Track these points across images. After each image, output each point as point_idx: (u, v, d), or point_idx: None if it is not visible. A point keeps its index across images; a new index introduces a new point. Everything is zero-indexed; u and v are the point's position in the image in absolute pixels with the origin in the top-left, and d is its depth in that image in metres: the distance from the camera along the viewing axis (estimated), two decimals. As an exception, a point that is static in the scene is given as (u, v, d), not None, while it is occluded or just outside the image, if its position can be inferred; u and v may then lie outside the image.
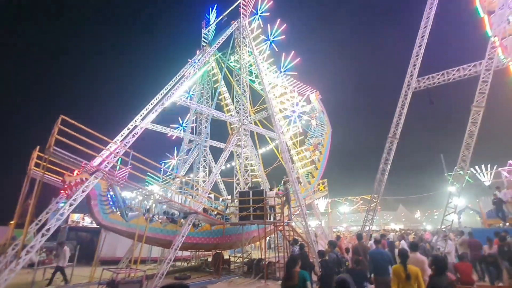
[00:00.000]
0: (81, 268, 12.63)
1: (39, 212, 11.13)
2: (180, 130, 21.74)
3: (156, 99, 13.75)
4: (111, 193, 10.25)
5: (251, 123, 19.44)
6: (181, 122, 22.69)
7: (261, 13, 20.97)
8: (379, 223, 37.77)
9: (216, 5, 23.30)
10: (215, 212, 14.53)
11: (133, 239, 9.85)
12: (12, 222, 11.50)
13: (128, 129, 13.94)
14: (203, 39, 22.54)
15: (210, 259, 16.25)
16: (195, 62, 16.36)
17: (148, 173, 11.85)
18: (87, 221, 20.48)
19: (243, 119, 17.98)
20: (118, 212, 10.20)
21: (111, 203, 10.10)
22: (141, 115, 14.45)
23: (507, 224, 11.85)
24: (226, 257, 15.59)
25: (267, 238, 18.51)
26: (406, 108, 13.52)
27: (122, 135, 13.97)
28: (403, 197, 35.28)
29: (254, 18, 21.13)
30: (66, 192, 9.42)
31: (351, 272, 6.57)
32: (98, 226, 12.58)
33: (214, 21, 22.68)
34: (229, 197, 18.71)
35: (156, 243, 11.96)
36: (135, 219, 10.50)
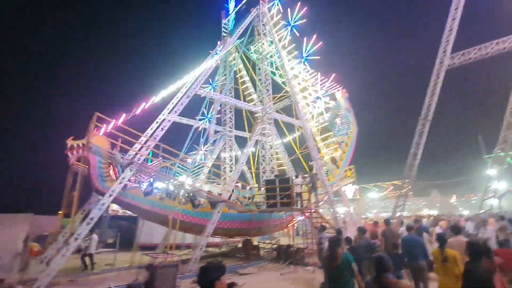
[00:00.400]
0: (122, 253, 13.67)
1: (82, 202, 12.16)
2: (206, 122, 22.21)
3: (181, 92, 14.10)
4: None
5: (275, 112, 19.34)
6: (206, 114, 23.14)
7: (281, -3, 20.43)
8: (411, 209, 36.45)
9: (234, -7, 23.03)
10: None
11: (129, 210, 10.14)
12: (60, 212, 12.68)
13: (156, 123, 14.53)
14: (223, 29, 22.46)
15: (240, 245, 16.81)
16: (216, 53, 16.45)
17: (177, 164, 12.40)
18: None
19: (266, 108, 17.94)
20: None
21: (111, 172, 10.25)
22: (167, 109, 14.94)
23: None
24: (255, 243, 16.02)
25: (295, 225, 18.65)
26: (439, 87, 12.68)
27: (151, 128, 14.59)
28: (437, 182, 33.59)
29: (274, 3, 20.64)
30: (70, 153, 9.65)
31: (389, 255, 6.53)
32: (136, 215, 13.46)
33: (233, 10, 22.46)
34: (256, 185, 18.99)
35: (153, 218, 11.78)
36: (132, 190, 10.61)
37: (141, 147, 11.69)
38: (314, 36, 21.62)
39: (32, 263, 10.37)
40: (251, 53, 22.45)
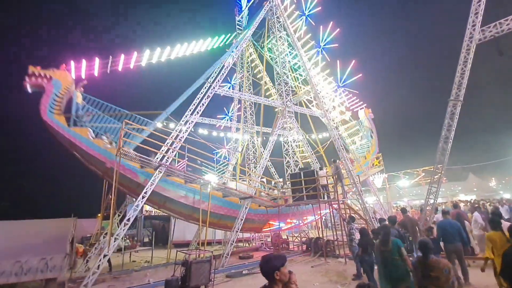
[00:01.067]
0: (158, 250, 14.40)
1: (118, 205, 12.95)
2: (227, 120, 22.54)
3: (201, 93, 14.40)
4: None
5: (295, 105, 19.16)
6: (226, 112, 23.47)
7: (293, -13, 20.05)
8: (446, 195, 34.58)
9: (246, -11, 22.93)
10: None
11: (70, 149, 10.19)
12: (99, 215, 13.58)
13: (180, 125, 15.00)
14: (237, 26, 22.54)
15: (269, 239, 17.01)
16: (232, 51, 16.56)
17: (203, 163, 12.77)
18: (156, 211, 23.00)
19: (286, 102, 17.82)
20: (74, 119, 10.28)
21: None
22: (189, 110, 15.34)
23: None
24: (283, 237, 16.14)
25: (323, 217, 18.49)
26: (470, 64, 11.84)
27: (176, 130, 15.10)
28: (473, 165, 31.53)
29: (286, -7, 20.30)
30: (29, 81, 9.65)
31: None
32: (166, 214, 14.06)
33: (246, 5, 22.42)
34: (281, 180, 19.03)
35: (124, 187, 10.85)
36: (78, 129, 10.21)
37: (168, 149, 12.17)
38: (331, 24, 21.05)
39: (79, 262, 11.26)
40: (268, 48, 22.31)
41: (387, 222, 8.33)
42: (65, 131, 9.73)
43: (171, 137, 12.37)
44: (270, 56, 22.16)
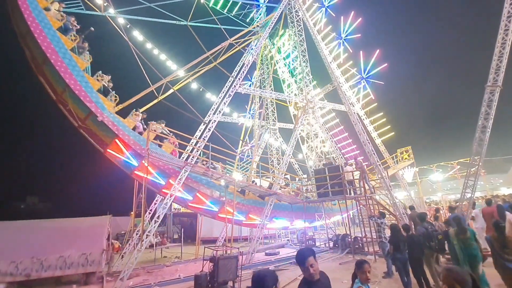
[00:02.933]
0: (186, 246, 14.90)
1: (149, 203, 13.56)
2: (249, 118, 22.65)
3: (223, 92, 14.59)
4: None
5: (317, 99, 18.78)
6: (248, 110, 23.57)
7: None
8: (485, 189, 32.18)
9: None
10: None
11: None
12: (132, 213, 14.31)
13: (203, 124, 15.32)
14: (256, 22, 22.48)
15: (294, 237, 16.93)
16: (252, 49, 16.56)
17: (227, 161, 12.97)
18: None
19: (307, 96, 17.53)
20: None
21: None
22: (212, 109, 15.61)
23: None
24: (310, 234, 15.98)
25: (351, 214, 18.04)
26: (509, 45, 10.89)
27: (199, 130, 15.45)
28: (516, 156, 28.99)
29: (304, -13, 19.89)
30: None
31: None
32: (193, 211, 14.47)
33: (264, 1, 22.28)
34: (305, 176, 18.83)
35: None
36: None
37: (193, 149, 12.50)
38: (352, 13, 20.32)
39: (115, 258, 11.97)
40: (283, 42, 22.08)
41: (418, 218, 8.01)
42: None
43: (195, 137, 12.67)
44: (289, 51, 21.89)
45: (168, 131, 11.48)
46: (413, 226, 9.81)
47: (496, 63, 11.14)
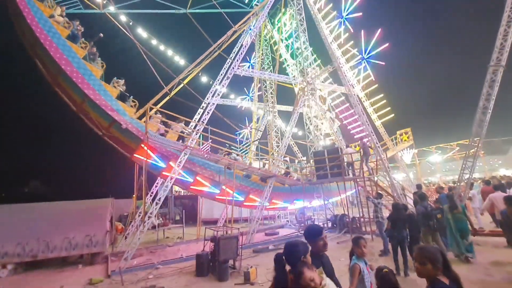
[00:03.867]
0: (188, 227, 15.26)
1: (150, 186, 13.73)
2: (248, 100, 22.44)
3: (221, 74, 14.36)
4: None
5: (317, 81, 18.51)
6: (247, 92, 23.33)
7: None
8: (484, 170, 32.53)
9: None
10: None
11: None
12: (134, 195, 14.52)
13: (202, 108, 15.20)
14: (255, 2, 21.76)
15: (293, 217, 17.27)
16: (250, 29, 16.10)
17: (226, 144, 12.99)
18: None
19: (308, 78, 17.27)
20: None
21: None
22: (211, 92, 15.42)
23: None
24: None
25: (349, 195, 18.31)
26: (515, 24, 10.58)
27: (198, 113, 15.36)
28: (516, 137, 29.03)
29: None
30: None
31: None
32: (194, 194, 14.68)
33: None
34: (304, 158, 18.93)
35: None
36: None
37: (192, 132, 12.46)
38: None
39: (119, 239, 12.30)
40: (284, 23, 21.44)
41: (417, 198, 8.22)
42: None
43: (194, 120, 12.62)
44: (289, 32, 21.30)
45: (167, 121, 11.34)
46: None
47: (501, 42, 10.86)
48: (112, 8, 12.86)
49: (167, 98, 12.62)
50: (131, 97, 10.62)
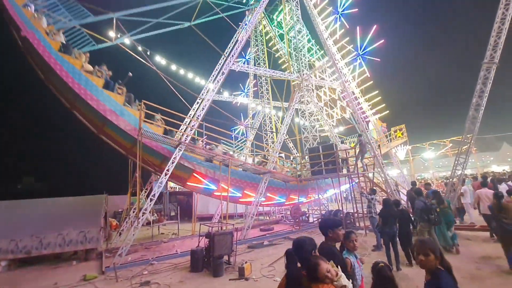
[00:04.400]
0: (183, 224, 15.28)
1: (144, 182, 13.67)
2: (243, 96, 22.37)
3: (216, 69, 14.28)
4: None
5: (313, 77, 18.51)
6: (242, 88, 23.24)
7: None
8: (476, 166, 33.00)
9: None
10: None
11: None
12: (128, 191, 14.45)
13: (197, 103, 15.13)
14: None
15: (288, 213, 17.36)
16: (246, 25, 15.98)
17: (222, 140, 12.96)
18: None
19: (303, 74, 17.25)
20: None
21: None
22: (205, 88, 15.34)
23: None
24: (303, 210, 16.40)
25: (343, 191, 18.46)
26: (509, 21, 10.69)
27: (193, 109, 15.27)
28: (507, 134, 29.48)
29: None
30: None
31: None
32: (189, 190, 14.67)
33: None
34: (299, 154, 18.99)
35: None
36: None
37: (186, 128, 12.41)
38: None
39: (113, 235, 12.26)
40: (280, 20, 21.32)
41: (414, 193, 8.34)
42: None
43: (189, 116, 12.55)
44: (282, 27, 21.20)
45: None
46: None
47: (494, 39, 10.97)
48: (126, 40, 12.76)
49: (193, 118, 12.75)
50: (159, 115, 10.93)
